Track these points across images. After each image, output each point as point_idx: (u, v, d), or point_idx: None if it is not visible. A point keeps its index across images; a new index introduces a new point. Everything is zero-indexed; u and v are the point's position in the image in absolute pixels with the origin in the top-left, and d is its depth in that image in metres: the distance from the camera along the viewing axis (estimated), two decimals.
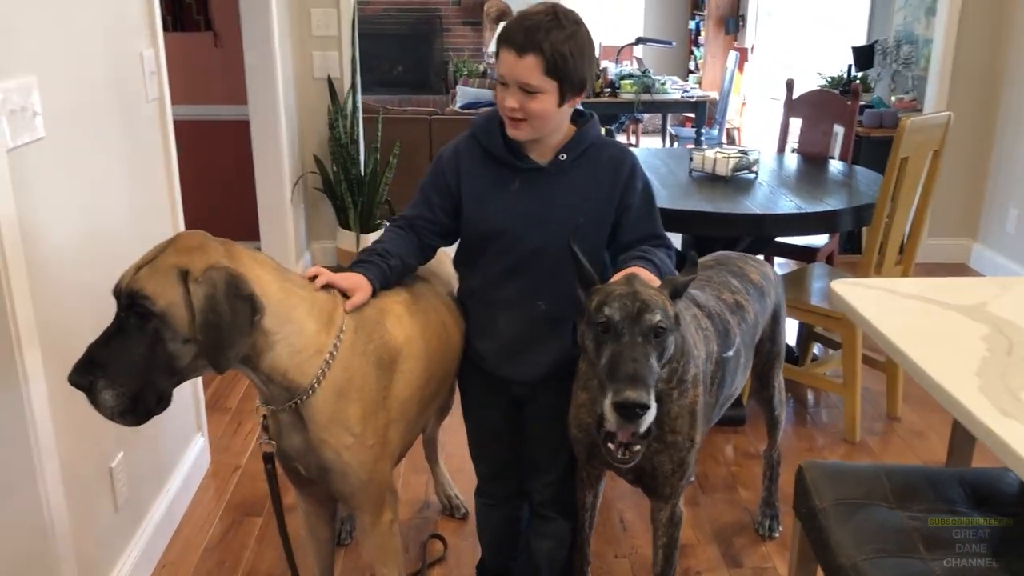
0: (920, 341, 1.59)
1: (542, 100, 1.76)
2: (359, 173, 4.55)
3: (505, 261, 1.91)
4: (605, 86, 7.00)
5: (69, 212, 1.99)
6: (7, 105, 1.69)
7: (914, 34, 5.44)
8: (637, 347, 1.55)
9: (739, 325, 2.10)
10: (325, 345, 1.67)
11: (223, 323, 1.50)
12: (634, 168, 1.90)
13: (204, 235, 1.60)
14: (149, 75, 2.45)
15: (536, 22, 1.74)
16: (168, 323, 1.49)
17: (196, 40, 4.71)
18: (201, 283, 1.49)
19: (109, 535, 2.19)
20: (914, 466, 1.76)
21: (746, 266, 2.34)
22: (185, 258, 1.52)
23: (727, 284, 2.20)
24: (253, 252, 1.65)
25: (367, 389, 1.73)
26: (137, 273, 1.51)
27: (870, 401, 3.41)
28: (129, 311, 1.49)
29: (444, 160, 1.94)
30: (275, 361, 1.63)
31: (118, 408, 1.50)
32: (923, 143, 3.00)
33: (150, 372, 1.50)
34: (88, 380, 1.48)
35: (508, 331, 1.95)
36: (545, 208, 1.86)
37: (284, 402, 1.69)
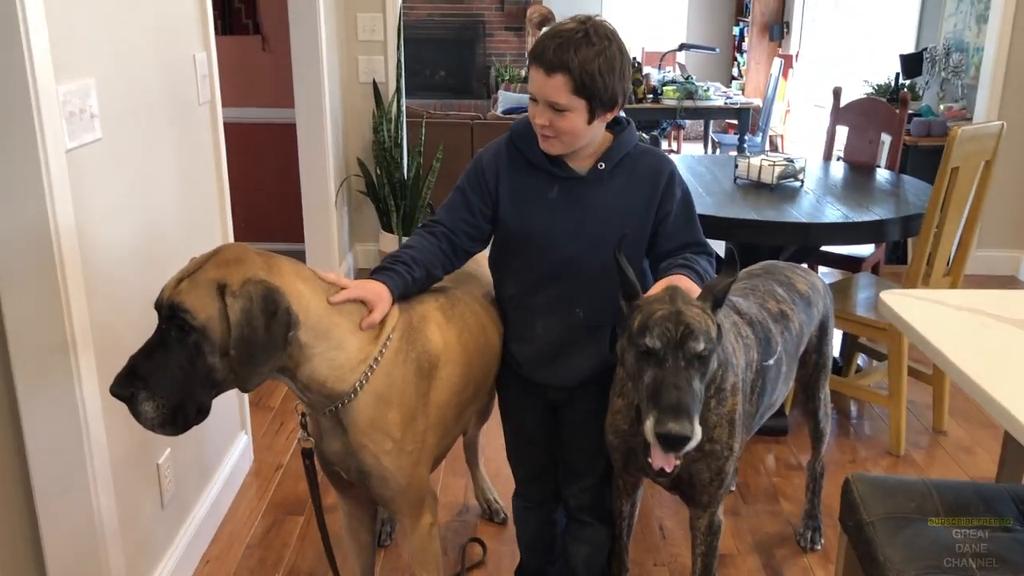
0: (971, 353, 1.57)
1: (571, 118, 1.75)
2: (402, 176, 4.58)
3: (542, 268, 1.90)
4: (648, 92, 6.97)
5: (123, 212, 2.03)
6: (67, 107, 1.73)
7: (964, 42, 5.35)
8: (680, 374, 1.53)
9: (782, 334, 2.08)
10: (371, 353, 1.68)
11: (257, 337, 1.50)
12: (672, 175, 1.88)
13: (245, 248, 1.60)
14: (201, 78, 2.49)
15: (565, 39, 1.71)
16: (208, 337, 1.50)
17: (245, 43, 4.78)
18: (238, 297, 1.50)
19: (155, 530, 2.23)
20: (965, 481, 1.73)
21: (793, 276, 2.31)
22: (224, 271, 1.52)
23: (772, 293, 2.18)
24: (297, 266, 1.64)
25: (407, 395, 1.73)
26: (178, 286, 1.52)
27: (915, 414, 3.36)
28: (170, 324, 1.51)
29: (485, 162, 1.93)
30: (313, 373, 1.64)
31: (158, 419, 1.52)
32: (974, 153, 2.95)
33: (190, 385, 1.52)
34: (129, 391, 1.50)
35: (545, 336, 1.94)
36: (583, 217, 1.85)
37: (324, 407, 1.70)
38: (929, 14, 6.03)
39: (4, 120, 1.62)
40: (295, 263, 1.65)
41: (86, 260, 1.82)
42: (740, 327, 1.95)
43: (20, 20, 1.57)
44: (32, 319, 1.74)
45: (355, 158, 4.71)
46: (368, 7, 4.55)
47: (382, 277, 1.77)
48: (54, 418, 1.81)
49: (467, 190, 1.93)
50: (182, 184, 2.38)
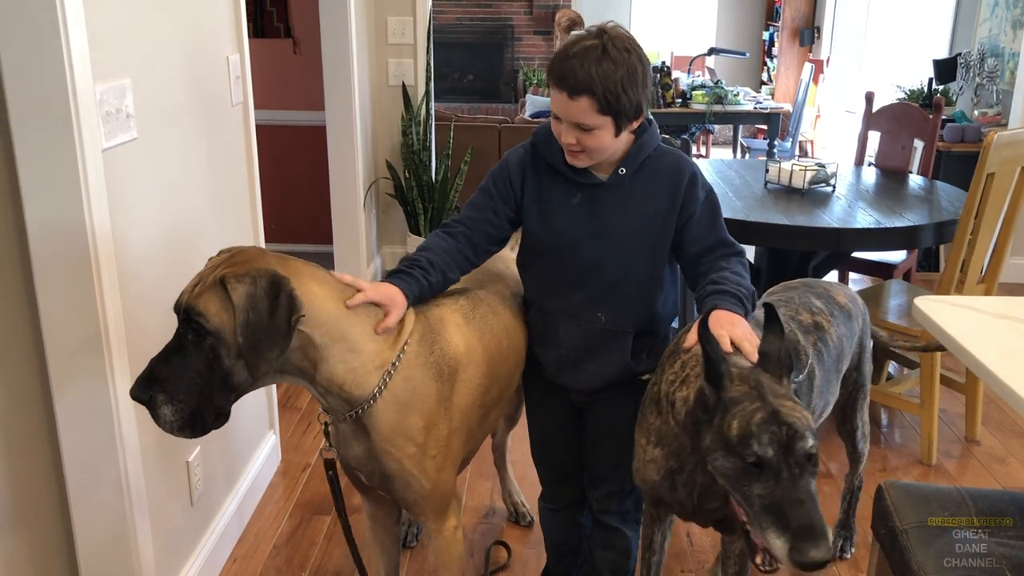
0: (1007, 360, 1.55)
1: (598, 136, 1.73)
2: (430, 179, 4.59)
3: (565, 273, 1.89)
4: (676, 96, 6.94)
5: (157, 211, 2.05)
6: (103, 106, 1.75)
7: (1000, 47, 5.28)
8: (799, 485, 1.41)
9: (814, 346, 2.00)
10: (388, 360, 1.67)
11: (262, 321, 1.50)
12: (694, 177, 1.85)
13: (261, 249, 1.61)
14: (234, 79, 2.51)
15: (584, 58, 1.67)
16: (223, 339, 1.50)
17: (276, 47, 4.82)
18: (241, 282, 1.50)
19: (184, 528, 2.24)
20: (1000, 490, 1.71)
21: (832, 289, 2.26)
22: (230, 269, 1.53)
23: (808, 305, 2.09)
24: (312, 268, 1.64)
25: (428, 400, 1.72)
26: (193, 290, 1.53)
27: (947, 423, 3.31)
28: (187, 327, 1.52)
29: (511, 165, 1.92)
30: (330, 375, 1.63)
31: (177, 423, 1.52)
32: (1011, 158, 2.91)
33: (207, 389, 1.52)
34: (148, 395, 1.51)
35: (568, 341, 1.93)
36: (606, 223, 1.84)
37: (344, 412, 1.69)
38: (963, 19, 5.96)
39: (43, 119, 1.65)
40: (311, 265, 1.65)
41: (120, 258, 1.84)
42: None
43: (60, 20, 1.60)
44: (66, 314, 1.76)
45: (384, 161, 4.73)
46: (398, 11, 4.57)
47: (397, 281, 1.76)
48: (87, 413, 1.82)
49: (492, 191, 1.92)
50: (214, 184, 2.40)
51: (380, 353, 1.66)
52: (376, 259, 4.82)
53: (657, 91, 6.89)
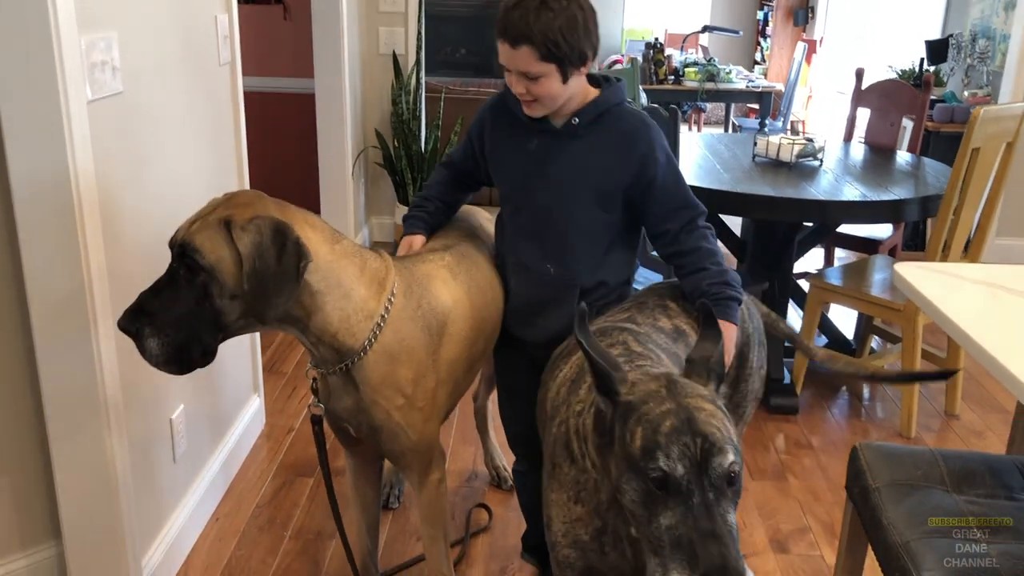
0: (986, 326, 1.56)
1: (545, 83, 1.80)
2: (419, 149, 4.58)
3: (519, 220, 1.99)
4: (669, 73, 6.93)
5: (142, 165, 2.05)
6: (89, 58, 1.74)
7: (991, 28, 5.28)
8: (715, 514, 1.14)
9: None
10: (376, 310, 1.69)
11: (269, 269, 1.52)
12: (652, 141, 1.89)
13: (259, 194, 1.63)
14: (222, 39, 2.50)
15: (523, 8, 1.75)
16: (216, 277, 1.51)
17: (266, 12, 4.78)
18: (246, 230, 1.52)
19: (167, 485, 2.26)
20: (973, 452, 1.73)
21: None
22: (233, 211, 1.55)
23: (664, 308, 1.82)
24: (306, 214, 1.66)
25: (417, 352, 1.75)
26: (190, 227, 1.54)
27: (927, 397, 3.34)
28: (180, 263, 1.53)
29: (481, 112, 2.05)
30: (325, 323, 1.65)
31: (162, 356, 1.53)
32: (996, 134, 2.93)
33: (196, 325, 1.53)
34: (135, 327, 1.52)
35: (520, 293, 2.02)
36: (557, 170, 1.91)
37: (335, 364, 1.71)
38: (956, 0, 5.96)
39: (27, 69, 1.64)
40: (304, 211, 1.67)
41: (104, 210, 1.84)
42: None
43: None
44: (50, 266, 1.76)
45: (373, 130, 4.71)
46: None
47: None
48: (69, 365, 1.83)
49: (471, 134, 2.07)
50: (200, 142, 2.39)
51: (368, 301, 1.68)
52: (364, 229, 4.81)
53: (650, 67, 6.87)
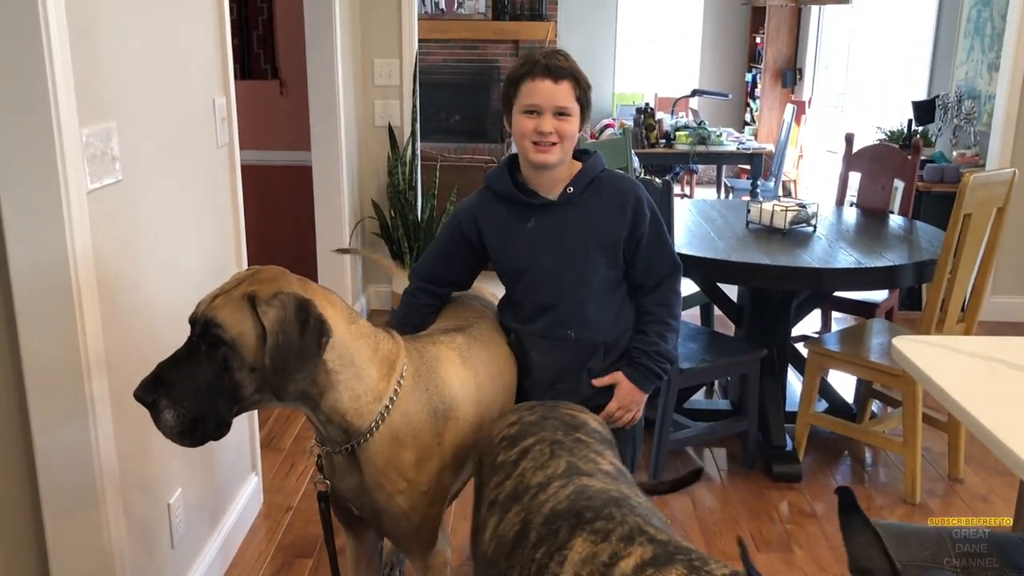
0: (985, 401, 1.56)
1: (572, 123, 1.95)
2: (416, 219, 4.62)
3: (533, 296, 2.04)
4: (660, 137, 7.02)
5: (141, 252, 2.06)
6: (88, 150, 1.77)
7: (976, 89, 5.38)
8: None
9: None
10: (385, 392, 1.70)
11: (292, 344, 1.53)
12: (639, 198, 2.02)
13: (282, 270, 1.66)
14: (220, 121, 2.53)
15: (553, 54, 1.93)
16: (237, 351, 1.53)
17: (263, 88, 4.86)
18: (271, 305, 1.54)
19: (165, 571, 2.22)
20: (980, 529, 1.71)
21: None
22: (258, 287, 1.57)
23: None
24: (327, 292, 1.69)
25: (422, 436, 1.75)
26: (213, 302, 1.57)
27: (931, 461, 3.32)
28: (201, 338, 1.54)
29: (461, 215, 2.09)
30: (336, 402, 1.66)
31: (177, 428, 1.54)
32: (987, 200, 2.96)
33: (213, 398, 1.54)
34: (152, 397, 1.53)
35: (543, 364, 2.06)
36: (561, 239, 2.00)
37: (341, 444, 1.71)
38: (941, 61, 6.07)
39: (28, 160, 1.66)
40: (327, 290, 1.70)
41: (103, 300, 1.84)
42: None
43: (47, 62, 1.61)
44: (49, 357, 1.75)
45: (370, 200, 4.76)
46: (385, 53, 4.63)
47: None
48: (67, 454, 1.81)
49: (446, 243, 2.12)
50: (200, 225, 2.41)
51: (378, 382, 1.69)
52: (361, 298, 4.82)
53: (641, 132, 6.96)
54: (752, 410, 3.20)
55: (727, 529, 2.86)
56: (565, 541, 1.30)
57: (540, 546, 1.33)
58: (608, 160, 4.43)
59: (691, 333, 3.36)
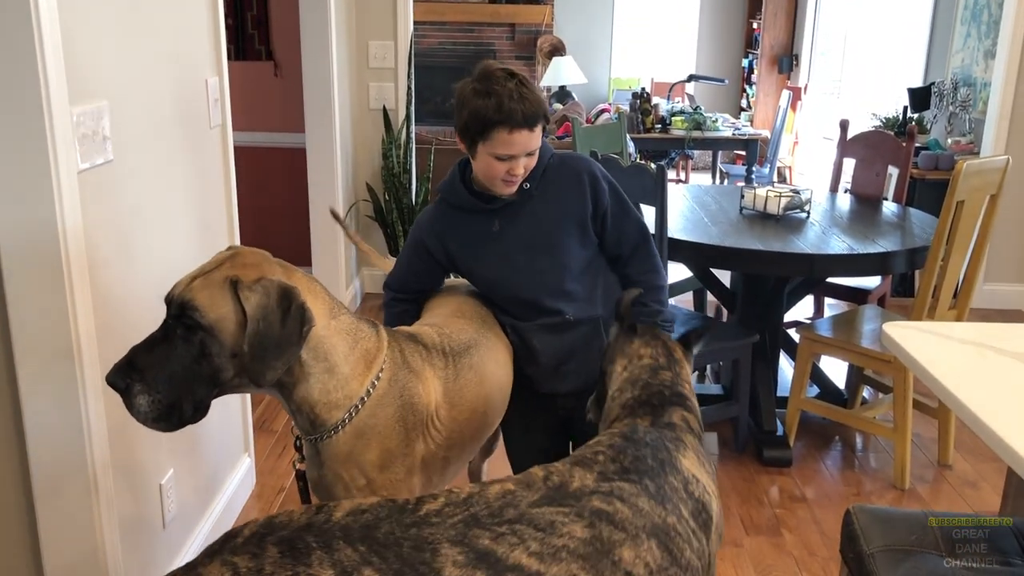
0: (974, 387, 1.57)
1: (537, 153, 1.95)
2: (410, 202, 4.61)
3: (517, 295, 2.04)
4: (656, 122, 7.01)
5: (133, 231, 2.05)
6: (79, 129, 1.76)
7: (972, 76, 5.37)
8: None
9: None
10: (356, 392, 1.65)
11: (273, 332, 1.49)
12: (593, 172, 2.04)
13: (265, 255, 1.61)
14: (213, 102, 2.52)
15: (527, 94, 1.87)
16: (216, 336, 1.48)
17: (257, 69, 4.84)
18: (254, 291, 1.50)
19: (156, 551, 2.23)
20: (965, 514, 1.72)
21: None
22: (239, 271, 1.52)
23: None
24: (311, 281, 1.65)
25: (389, 440, 1.69)
26: (191, 283, 1.51)
27: (921, 447, 3.34)
28: (177, 320, 1.49)
29: (422, 232, 2.08)
30: (307, 394, 1.62)
31: (152, 414, 1.48)
32: (980, 187, 2.96)
33: (191, 382, 1.49)
34: (125, 382, 1.47)
35: (547, 350, 2.06)
36: (529, 235, 2.01)
37: (308, 435, 1.68)
38: (937, 49, 6.06)
39: (18, 140, 1.65)
40: (311, 278, 1.66)
41: (94, 279, 1.84)
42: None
43: (36, 42, 1.60)
44: (38, 334, 1.75)
45: (364, 183, 4.74)
46: (380, 35, 4.60)
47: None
48: (57, 431, 1.81)
49: (411, 259, 2.13)
50: (191, 206, 2.40)
51: (350, 381, 1.64)
52: (355, 281, 4.82)
53: (637, 117, 6.95)
54: (743, 395, 3.21)
55: None
56: None
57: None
58: (603, 145, 4.44)
59: (684, 318, 3.37)
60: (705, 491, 1.43)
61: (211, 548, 1.18)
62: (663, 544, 1.28)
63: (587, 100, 8.80)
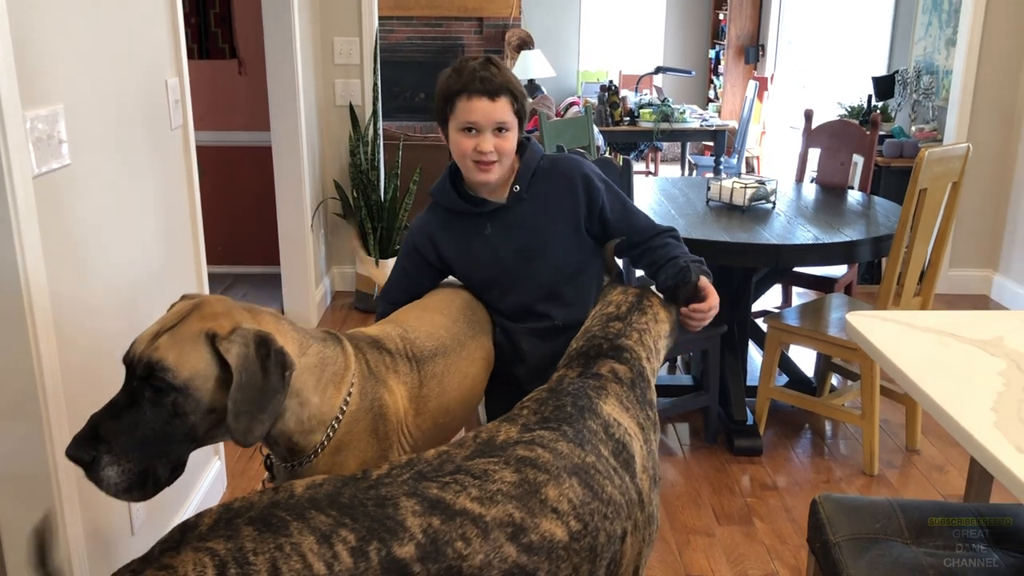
0: (936, 375, 1.59)
1: (510, 138, 1.92)
2: (379, 199, 4.59)
3: (508, 298, 2.05)
4: (624, 114, 7.02)
5: (93, 236, 2.02)
6: (33, 133, 1.73)
7: (935, 64, 5.43)
8: None
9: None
10: (331, 413, 1.61)
11: (256, 382, 1.41)
12: (586, 175, 2.02)
13: (228, 301, 1.54)
14: (173, 103, 2.49)
15: (491, 68, 1.87)
16: (191, 395, 1.38)
17: (221, 67, 4.79)
18: (233, 342, 1.41)
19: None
20: (930, 501, 1.74)
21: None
22: (210, 323, 1.43)
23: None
24: (277, 321, 1.57)
25: (365, 451, 1.68)
26: (156, 341, 1.39)
27: (889, 433, 3.38)
28: (144, 382, 1.38)
29: (415, 236, 2.09)
30: (283, 428, 1.57)
31: (123, 484, 1.37)
32: (942, 174, 3.00)
33: (164, 446, 1.39)
34: (91, 455, 1.35)
35: (534, 353, 2.06)
36: (522, 239, 2.00)
37: (285, 462, 1.65)
38: (900, 37, 6.12)
39: None
40: (277, 316, 1.59)
41: (54, 288, 1.81)
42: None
43: None
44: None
45: (332, 181, 4.72)
46: (344, 31, 4.57)
47: None
48: (20, 440, 1.78)
49: (406, 266, 2.10)
50: (154, 209, 2.37)
51: (322, 407, 1.60)
52: (325, 280, 4.79)
53: (605, 109, 6.96)
54: (713, 385, 3.23)
55: (689, 503, 2.89)
56: None
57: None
58: (570, 138, 4.43)
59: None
60: (626, 433, 1.57)
61: (171, 540, 1.19)
62: (584, 481, 1.43)
63: (556, 93, 8.81)
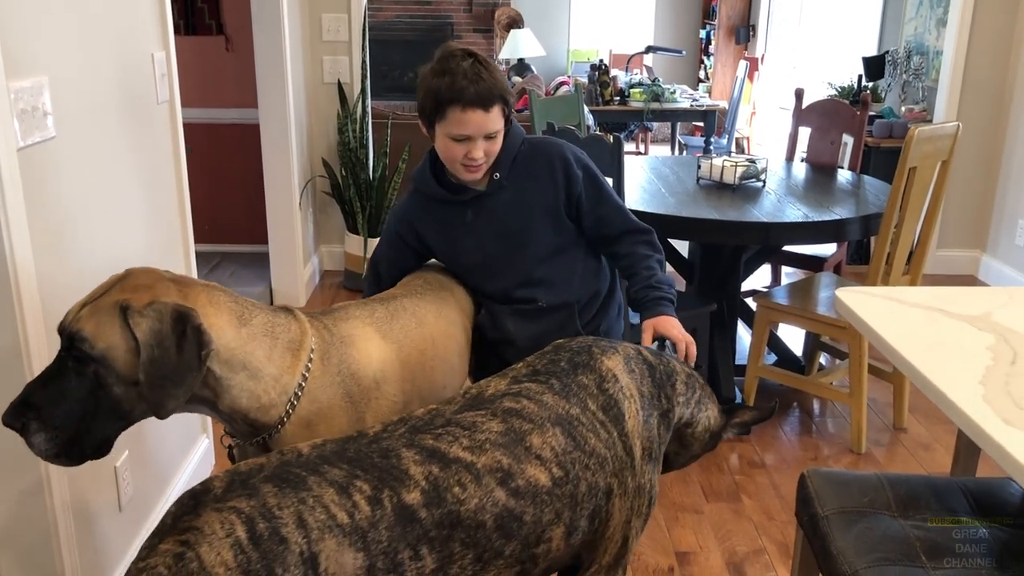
0: (924, 350, 1.59)
1: (498, 140, 1.93)
2: (368, 177, 4.56)
3: (491, 282, 2.05)
4: (615, 94, 7.00)
5: (78, 211, 2.00)
6: (18, 104, 1.71)
7: (925, 45, 5.43)
8: None
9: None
10: (290, 384, 1.59)
11: (169, 359, 1.42)
12: (565, 158, 2.01)
13: (157, 272, 1.52)
14: (160, 77, 2.47)
15: (482, 74, 1.84)
16: (109, 366, 1.41)
17: (208, 44, 4.74)
18: (145, 316, 1.42)
19: (112, 534, 2.20)
20: (917, 475, 1.76)
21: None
22: (129, 295, 1.44)
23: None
24: (212, 293, 1.55)
25: (337, 420, 1.65)
26: (80, 312, 1.43)
27: (876, 411, 3.40)
28: (68, 352, 1.42)
29: (396, 223, 2.10)
30: (234, 403, 1.56)
31: (52, 450, 1.42)
32: (931, 153, 3.00)
33: (89, 417, 1.43)
34: (20, 422, 1.40)
35: (520, 333, 2.06)
36: (502, 225, 2.00)
37: (250, 438, 1.63)
38: (891, 17, 6.11)
39: None
40: (211, 288, 1.56)
41: (39, 260, 1.80)
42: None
43: None
44: None
45: (320, 159, 4.69)
46: (333, 8, 4.53)
47: None
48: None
49: (391, 243, 2.13)
50: (140, 183, 2.35)
51: (281, 377, 1.58)
52: (313, 258, 4.77)
53: (596, 89, 6.94)
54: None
55: (677, 480, 2.90)
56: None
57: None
58: (560, 117, 4.41)
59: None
60: (622, 391, 1.63)
61: (185, 507, 1.22)
62: (567, 431, 1.51)
63: (546, 73, 8.76)
